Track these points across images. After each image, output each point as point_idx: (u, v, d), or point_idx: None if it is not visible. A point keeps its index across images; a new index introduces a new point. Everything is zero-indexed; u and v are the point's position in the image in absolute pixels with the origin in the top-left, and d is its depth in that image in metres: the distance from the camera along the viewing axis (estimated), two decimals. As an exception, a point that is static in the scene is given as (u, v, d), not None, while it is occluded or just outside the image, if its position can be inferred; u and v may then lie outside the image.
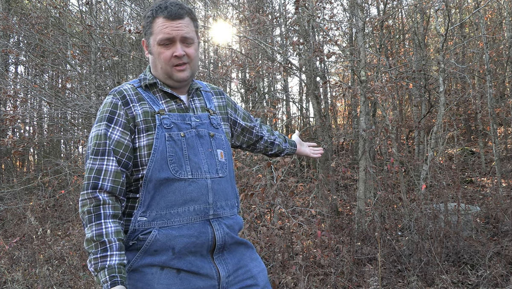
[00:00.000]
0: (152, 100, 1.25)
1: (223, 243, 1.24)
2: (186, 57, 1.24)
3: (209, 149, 1.26)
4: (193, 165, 1.20)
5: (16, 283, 3.72)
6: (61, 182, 7.65)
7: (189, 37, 1.23)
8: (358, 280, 3.39)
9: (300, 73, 6.78)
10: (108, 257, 1.08)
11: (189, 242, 1.17)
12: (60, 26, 7.38)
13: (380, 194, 4.87)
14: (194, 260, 1.18)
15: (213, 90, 1.44)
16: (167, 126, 1.20)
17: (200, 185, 1.20)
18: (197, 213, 1.19)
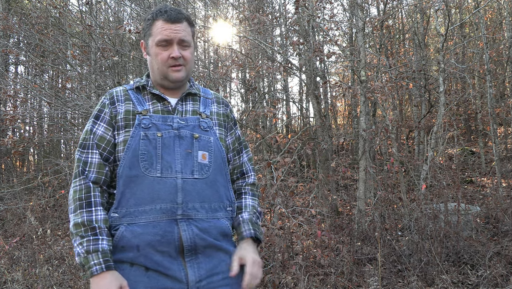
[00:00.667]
0: (138, 101, 1.31)
1: (192, 245, 1.20)
2: (182, 59, 1.29)
3: (188, 150, 1.26)
4: (164, 163, 1.22)
5: (16, 283, 3.72)
6: (61, 182, 7.65)
7: (186, 40, 1.29)
8: (358, 280, 3.39)
9: (300, 73, 6.79)
10: (100, 240, 1.16)
11: (154, 240, 1.17)
12: (60, 26, 7.38)
13: (380, 194, 4.87)
14: (161, 260, 1.18)
15: (215, 99, 1.43)
16: (145, 126, 1.25)
17: (169, 184, 1.20)
18: (163, 212, 1.18)
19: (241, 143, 1.45)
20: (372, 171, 5.26)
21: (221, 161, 1.32)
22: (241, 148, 1.44)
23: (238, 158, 1.43)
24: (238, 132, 1.46)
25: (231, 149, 1.41)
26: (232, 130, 1.43)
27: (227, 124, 1.41)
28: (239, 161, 1.43)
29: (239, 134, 1.45)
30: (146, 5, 6.55)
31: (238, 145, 1.43)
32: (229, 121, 1.43)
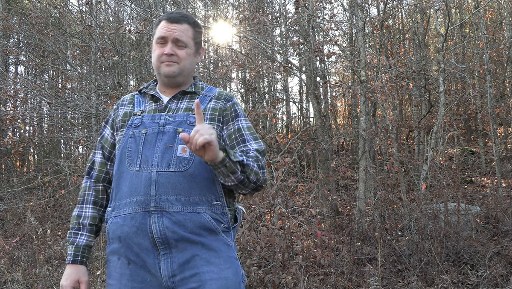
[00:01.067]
0: (139, 103, 1.42)
1: (163, 237, 1.20)
2: (175, 57, 1.35)
3: (169, 144, 1.27)
4: (143, 158, 1.27)
5: (16, 283, 3.72)
6: (61, 182, 7.64)
7: (181, 40, 1.35)
8: (358, 280, 3.39)
9: (300, 73, 6.79)
10: (79, 235, 1.34)
11: (131, 232, 1.22)
12: (60, 26, 7.38)
13: (380, 194, 4.87)
14: (140, 253, 1.22)
15: (217, 96, 1.42)
16: (135, 126, 1.33)
17: (144, 177, 1.24)
18: (139, 204, 1.23)
19: (243, 135, 1.37)
20: (372, 171, 5.26)
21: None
22: (243, 138, 1.37)
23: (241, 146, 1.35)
24: (239, 124, 1.39)
25: (228, 142, 1.37)
26: (230, 123, 1.39)
27: (222, 118, 1.38)
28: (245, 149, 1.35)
29: (240, 127, 1.38)
30: (146, 5, 6.56)
31: (239, 136, 1.37)
32: (227, 115, 1.39)
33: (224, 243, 1.28)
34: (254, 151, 1.33)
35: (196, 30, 1.40)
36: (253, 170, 1.26)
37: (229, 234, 1.31)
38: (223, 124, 1.39)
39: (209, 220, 1.25)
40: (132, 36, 8.06)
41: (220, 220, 1.28)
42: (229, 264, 1.25)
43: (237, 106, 1.43)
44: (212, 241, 1.25)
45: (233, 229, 1.34)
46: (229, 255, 1.27)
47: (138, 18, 7.67)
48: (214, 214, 1.27)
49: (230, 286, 1.22)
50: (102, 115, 6.50)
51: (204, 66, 8.55)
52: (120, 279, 1.24)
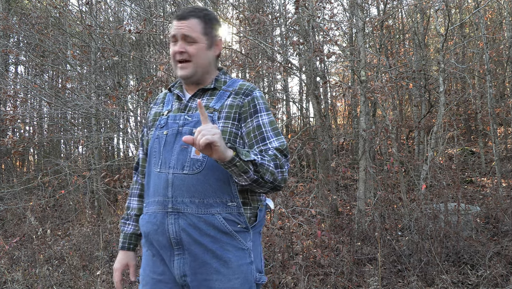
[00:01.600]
0: (168, 102, 1.45)
1: (178, 238, 1.25)
2: (186, 54, 1.33)
3: (184, 146, 1.28)
4: (163, 159, 1.31)
5: (16, 283, 3.72)
6: (61, 182, 7.64)
7: (189, 36, 1.33)
8: (358, 280, 3.39)
9: (300, 73, 6.79)
10: (127, 225, 1.50)
11: (152, 230, 1.30)
12: (60, 26, 7.38)
13: (380, 194, 4.87)
14: (159, 249, 1.31)
15: (237, 90, 1.37)
16: (160, 126, 1.37)
17: (163, 179, 1.29)
18: (159, 204, 1.29)
19: (262, 133, 1.31)
20: (372, 171, 5.26)
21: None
22: (262, 136, 1.31)
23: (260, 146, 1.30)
24: (259, 121, 1.33)
25: (247, 140, 1.32)
26: (249, 120, 1.33)
27: (239, 115, 1.33)
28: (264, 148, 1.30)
29: (260, 124, 1.32)
30: (146, 5, 6.56)
31: (258, 134, 1.31)
32: (245, 112, 1.34)
33: (238, 248, 1.28)
34: (273, 149, 1.28)
35: (206, 23, 1.36)
36: (268, 169, 1.21)
37: (247, 234, 1.31)
38: (240, 122, 1.34)
39: (222, 221, 1.25)
40: (132, 36, 8.06)
41: (235, 221, 1.28)
42: (237, 274, 1.26)
43: (258, 100, 1.36)
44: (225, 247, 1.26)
45: (253, 228, 1.33)
46: (239, 264, 1.27)
47: (138, 18, 7.66)
48: (230, 215, 1.27)
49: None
50: (102, 115, 6.50)
51: (204, 66, 8.55)
52: (145, 268, 1.36)
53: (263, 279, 1.33)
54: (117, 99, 5.77)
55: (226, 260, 1.25)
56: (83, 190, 7.36)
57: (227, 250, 1.26)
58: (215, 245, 1.25)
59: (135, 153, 7.62)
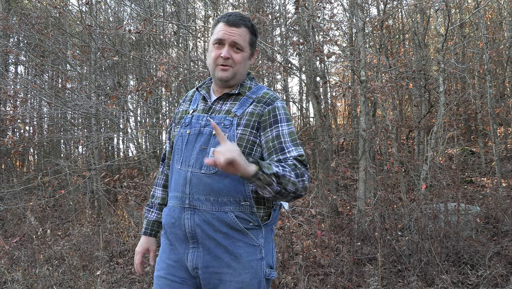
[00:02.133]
0: (195, 100, 1.52)
1: (193, 233, 1.33)
2: (231, 61, 1.38)
3: (204, 146, 1.35)
4: (184, 158, 1.39)
5: (16, 283, 3.72)
6: (61, 182, 7.64)
7: (238, 43, 1.38)
8: (358, 280, 3.39)
9: (300, 73, 6.79)
10: (150, 212, 1.61)
11: (170, 222, 1.39)
12: (60, 26, 7.38)
13: (380, 194, 4.87)
14: (175, 241, 1.39)
15: (259, 98, 1.40)
16: (185, 125, 1.44)
17: (182, 176, 1.37)
18: (178, 199, 1.37)
19: (281, 142, 1.33)
20: (372, 171, 5.26)
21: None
22: (281, 146, 1.33)
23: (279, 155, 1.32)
24: (279, 131, 1.35)
25: (266, 149, 1.35)
26: (268, 130, 1.36)
27: (258, 124, 1.36)
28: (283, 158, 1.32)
29: (280, 134, 1.34)
30: (146, 5, 6.56)
31: (277, 144, 1.33)
32: (264, 121, 1.36)
33: (249, 244, 1.34)
34: (292, 158, 1.30)
35: (253, 34, 1.42)
36: (290, 180, 1.23)
37: (259, 231, 1.37)
38: (260, 131, 1.37)
39: (234, 219, 1.32)
40: (132, 36, 8.06)
41: (248, 219, 1.34)
42: (247, 269, 1.32)
43: (278, 111, 1.38)
44: (236, 243, 1.32)
45: (265, 225, 1.38)
46: (249, 259, 1.33)
47: (138, 18, 7.66)
48: (242, 214, 1.33)
49: (246, 288, 1.32)
50: (102, 115, 6.50)
51: (204, 66, 8.54)
52: (161, 255, 1.45)
53: (273, 274, 1.39)
54: (117, 99, 5.77)
55: (237, 255, 1.32)
56: (83, 190, 7.36)
57: (238, 246, 1.33)
58: (227, 240, 1.32)
59: (135, 152, 7.62)
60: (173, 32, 5.79)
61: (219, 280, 1.32)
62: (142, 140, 9.40)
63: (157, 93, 8.35)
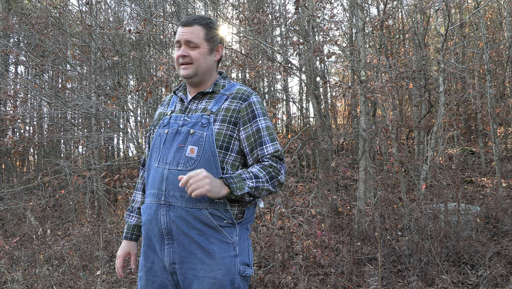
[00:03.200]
0: (173, 103, 1.57)
1: (168, 229, 1.36)
2: (189, 58, 1.45)
3: (181, 144, 1.40)
4: (161, 156, 1.43)
5: (16, 283, 3.72)
6: (61, 182, 7.64)
7: (191, 41, 1.44)
8: (358, 280, 3.39)
9: (300, 73, 6.79)
10: (131, 217, 1.62)
11: (147, 219, 1.41)
12: (60, 26, 7.38)
13: (380, 194, 4.87)
14: (152, 238, 1.42)
15: (234, 94, 1.47)
16: (163, 125, 1.49)
17: (159, 173, 1.40)
18: (154, 196, 1.40)
19: (261, 137, 1.43)
20: (372, 171, 5.26)
21: (210, 155, 1.38)
22: (260, 141, 1.43)
23: (257, 151, 1.43)
24: (258, 125, 1.44)
25: (247, 144, 1.43)
26: (247, 125, 1.43)
27: (236, 119, 1.43)
28: (259, 154, 1.43)
29: (259, 128, 1.44)
30: (146, 5, 6.55)
31: (257, 139, 1.43)
32: (243, 116, 1.44)
33: (222, 241, 1.37)
34: (268, 157, 1.41)
35: (208, 30, 1.48)
36: (264, 188, 1.37)
37: (233, 229, 1.40)
38: (238, 126, 1.44)
39: (207, 216, 1.35)
40: (132, 36, 8.06)
41: (221, 216, 1.37)
42: (220, 265, 1.35)
43: (255, 106, 1.46)
44: (210, 240, 1.35)
45: (239, 223, 1.42)
46: (222, 256, 1.36)
47: (138, 18, 7.66)
48: (216, 211, 1.36)
49: (218, 284, 1.34)
50: (102, 115, 6.50)
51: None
52: (141, 256, 1.48)
53: (247, 271, 1.41)
54: (117, 99, 5.77)
55: (210, 252, 1.35)
56: (83, 190, 7.35)
57: (211, 242, 1.35)
58: (201, 237, 1.35)
59: (135, 152, 7.62)
60: (173, 32, 5.79)
61: (194, 276, 1.35)
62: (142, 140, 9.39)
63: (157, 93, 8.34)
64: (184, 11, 6.72)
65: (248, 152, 1.44)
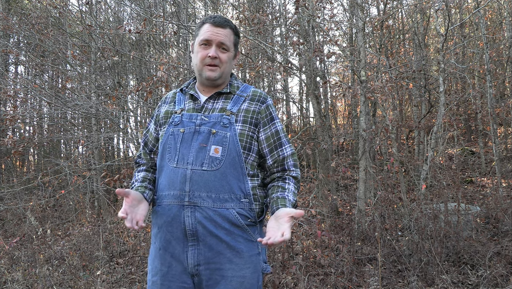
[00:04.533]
0: (179, 101, 1.53)
1: (194, 230, 1.34)
2: (218, 60, 1.43)
3: (203, 144, 1.38)
4: (180, 156, 1.38)
5: (16, 283, 3.72)
6: (61, 182, 7.64)
7: (225, 44, 1.43)
8: (358, 280, 3.39)
9: (300, 73, 6.78)
10: (134, 183, 1.49)
11: (167, 221, 1.37)
12: (60, 26, 7.38)
13: (380, 194, 4.87)
14: (172, 240, 1.37)
15: (251, 96, 1.49)
16: (175, 124, 1.44)
17: (180, 174, 1.36)
18: (175, 198, 1.36)
19: (280, 138, 1.49)
20: (372, 171, 5.25)
21: (235, 155, 1.38)
22: (280, 142, 1.48)
23: (277, 152, 1.47)
24: (276, 127, 1.49)
25: (266, 144, 1.47)
26: (267, 126, 1.47)
27: (257, 121, 1.45)
28: (280, 154, 1.48)
29: (278, 130, 1.49)
30: (146, 5, 6.56)
31: (277, 140, 1.48)
32: (262, 118, 1.47)
33: (248, 240, 1.39)
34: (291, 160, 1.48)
35: (236, 35, 1.49)
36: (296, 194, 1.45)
37: (255, 227, 1.42)
38: (258, 127, 1.46)
39: (235, 215, 1.36)
40: (132, 36, 8.06)
41: (247, 216, 1.39)
42: (248, 264, 1.37)
43: (272, 108, 1.51)
44: (237, 239, 1.36)
45: (260, 222, 1.45)
46: (250, 254, 1.38)
47: (138, 18, 7.66)
48: (242, 210, 1.38)
49: (247, 282, 1.36)
50: (102, 115, 6.50)
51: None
52: (154, 259, 1.42)
53: (268, 269, 1.45)
54: (117, 99, 5.77)
55: (239, 251, 1.36)
56: (83, 190, 7.35)
57: (239, 241, 1.37)
58: (228, 236, 1.35)
59: (135, 152, 7.62)
60: (173, 32, 5.78)
61: (221, 276, 1.34)
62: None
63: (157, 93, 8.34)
64: (184, 11, 6.71)
65: (268, 153, 1.47)
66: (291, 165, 1.49)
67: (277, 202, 1.37)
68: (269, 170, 1.50)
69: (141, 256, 4.35)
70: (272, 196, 1.42)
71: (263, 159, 1.49)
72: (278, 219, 1.27)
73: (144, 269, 3.97)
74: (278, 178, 1.48)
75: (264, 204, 1.46)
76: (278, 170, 1.48)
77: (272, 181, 1.49)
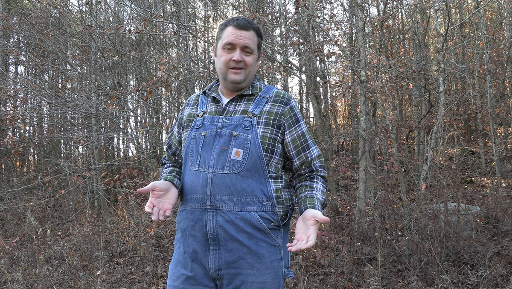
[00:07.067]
0: (202, 103, 1.51)
1: (215, 234, 1.33)
2: (242, 63, 1.40)
3: (224, 147, 1.36)
4: (201, 159, 1.37)
5: (16, 283, 3.72)
6: (61, 182, 7.64)
7: (249, 47, 1.41)
8: (358, 280, 3.38)
9: (300, 73, 6.78)
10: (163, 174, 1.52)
11: (189, 225, 1.37)
12: (60, 26, 7.37)
13: (380, 194, 4.87)
14: (193, 243, 1.37)
15: (274, 98, 1.46)
16: (197, 127, 1.43)
17: (201, 177, 1.35)
18: (197, 201, 1.35)
19: (306, 140, 1.47)
20: (372, 171, 5.25)
21: (256, 158, 1.36)
22: (307, 144, 1.47)
23: (305, 154, 1.46)
24: (302, 129, 1.47)
25: (293, 146, 1.45)
26: (292, 128, 1.45)
27: (281, 123, 1.43)
28: (308, 156, 1.47)
29: (303, 132, 1.47)
30: (146, 5, 6.55)
31: (303, 142, 1.46)
32: (287, 120, 1.44)
33: (270, 244, 1.37)
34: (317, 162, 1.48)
35: (259, 37, 1.46)
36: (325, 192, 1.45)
37: (279, 231, 1.40)
38: (281, 129, 1.43)
39: (257, 219, 1.34)
40: (132, 36, 8.06)
41: (270, 219, 1.36)
42: (270, 269, 1.35)
43: (296, 110, 1.48)
44: (259, 243, 1.34)
45: (283, 226, 1.42)
46: (271, 260, 1.36)
47: (138, 18, 7.66)
48: (265, 213, 1.35)
49: (268, 288, 1.34)
50: (102, 115, 6.50)
51: (204, 66, 8.55)
52: (176, 264, 1.42)
53: (290, 274, 1.42)
54: (117, 99, 5.77)
55: (260, 256, 1.34)
56: (83, 190, 7.35)
57: (261, 246, 1.34)
58: (250, 241, 1.33)
59: (135, 152, 7.62)
60: (173, 32, 5.78)
61: (241, 281, 1.32)
62: (142, 140, 9.39)
63: (157, 93, 8.34)
64: (184, 11, 6.71)
65: (295, 155, 1.45)
66: (318, 166, 1.48)
67: (305, 201, 1.37)
68: (296, 172, 1.49)
69: (141, 256, 4.35)
70: (300, 195, 1.42)
71: (290, 161, 1.47)
72: (305, 220, 1.28)
73: (144, 269, 3.97)
74: (306, 177, 1.47)
75: (289, 206, 1.43)
76: (306, 171, 1.48)
77: (300, 182, 1.49)
